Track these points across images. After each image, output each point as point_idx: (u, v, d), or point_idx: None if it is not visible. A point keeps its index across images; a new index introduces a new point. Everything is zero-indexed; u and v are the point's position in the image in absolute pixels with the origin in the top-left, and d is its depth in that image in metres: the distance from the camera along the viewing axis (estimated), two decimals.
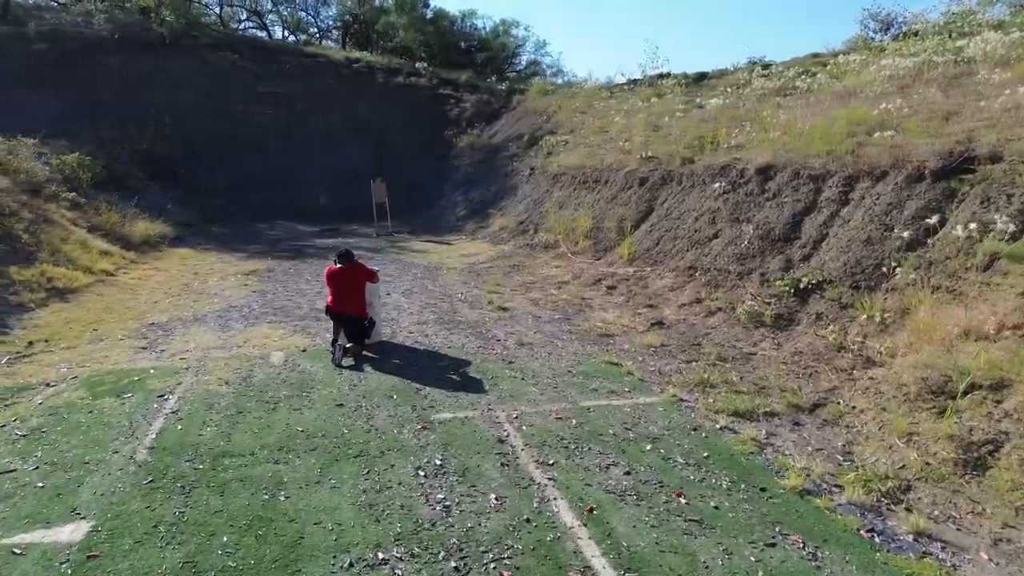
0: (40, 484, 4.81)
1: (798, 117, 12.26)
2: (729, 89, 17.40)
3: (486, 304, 10.63)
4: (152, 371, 7.25)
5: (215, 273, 13.42)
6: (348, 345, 7.75)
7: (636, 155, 15.12)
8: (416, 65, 30.52)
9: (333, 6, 38.92)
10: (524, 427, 5.79)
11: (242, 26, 39.21)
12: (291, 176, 24.32)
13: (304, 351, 8.01)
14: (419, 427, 5.75)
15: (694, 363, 7.57)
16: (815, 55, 18.57)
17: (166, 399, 6.41)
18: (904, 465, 5.09)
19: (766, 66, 19.15)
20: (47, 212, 13.89)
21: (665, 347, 8.23)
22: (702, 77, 21.04)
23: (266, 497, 4.59)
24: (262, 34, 37.54)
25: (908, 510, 4.56)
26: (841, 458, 5.33)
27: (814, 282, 8.51)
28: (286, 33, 39.43)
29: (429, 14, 36.74)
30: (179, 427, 5.74)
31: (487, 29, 39.53)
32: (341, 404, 6.27)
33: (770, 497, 4.72)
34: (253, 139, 25.09)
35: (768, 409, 6.18)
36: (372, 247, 16.98)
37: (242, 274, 13.28)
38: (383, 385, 6.79)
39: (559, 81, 35.25)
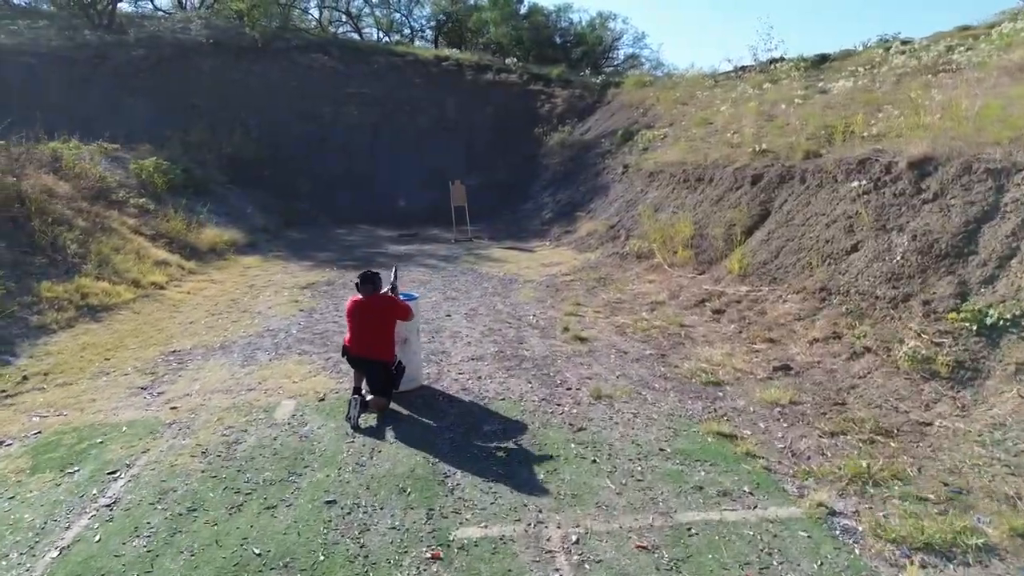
0: None
1: (961, 97, 9.46)
2: (861, 69, 14.48)
3: (560, 331, 8.53)
4: (125, 428, 5.60)
5: (271, 286, 11.95)
6: (369, 398, 5.87)
7: (747, 149, 12.59)
8: (506, 61, 28.65)
9: (427, 6, 37.67)
10: (587, 564, 3.68)
11: (340, 30, 38.65)
12: (376, 178, 22.98)
13: (322, 399, 6.18)
14: (428, 556, 3.75)
15: (842, 437, 5.22)
16: (964, 27, 15.31)
17: (116, 478, 4.71)
18: None
19: (905, 42, 16.01)
20: (107, 219, 12.85)
21: (796, 406, 5.88)
22: (823, 60, 18.05)
23: None
24: (355, 36, 36.70)
25: None
26: None
27: (1008, 316, 5.94)
28: (380, 35, 38.54)
29: (523, 9, 34.84)
30: (98, 538, 3.98)
31: (583, 23, 37.25)
32: (332, 501, 4.35)
33: None
34: (340, 141, 23.94)
35: (980, 540, 3.81)
36: (448, 255, 15.19)
37: (298, 287, 11.74)
38: (399, 467, 4.83)
39: (659, 74, 32.57)
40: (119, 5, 29.31)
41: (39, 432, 5.61)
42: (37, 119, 15.39)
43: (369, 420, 5.72)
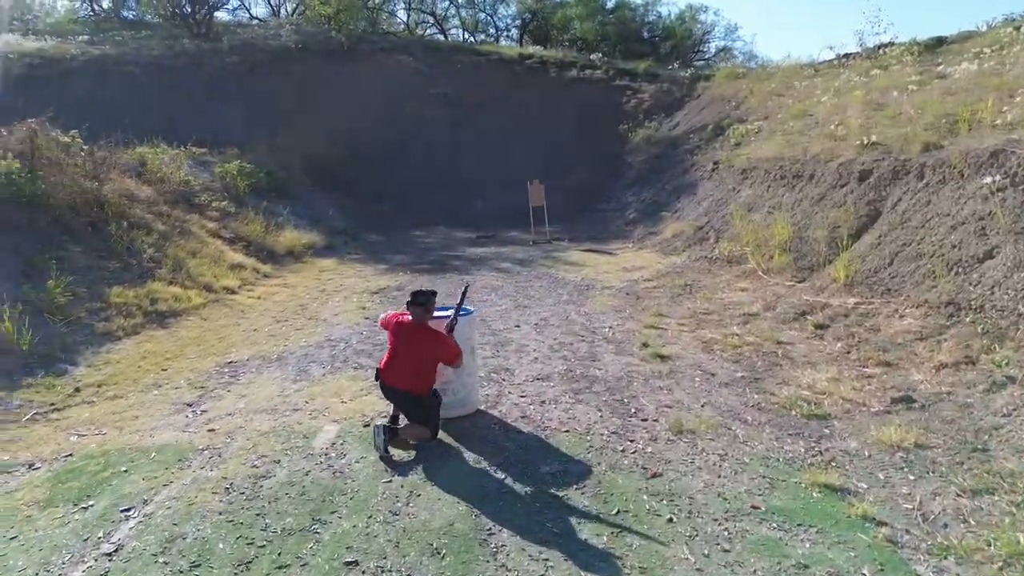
0: None
1: None
2: (987, 51, 12.76)
3: (639, 347, 7.60)
4: (155, 455, 5.12)
5: (342, 291, 11.54)
6: (403, 426, 5.17)
7: (853, 141, 11.22)
8: (591, 57, 27.63)
9: (512, 4, 37.07)
10: None
11: (428, 32, 38.63)
12: (456, 179, 22.50)
13: (367, 426, 5.53)
14: None
15: (988, 497, 4.12)
16: None
17: (127, 518, 4.19)
18: None
19: None
20: (186, 223, 12.81)
21: (924, 451, 4.78)
22: (938, 42, 16.22)
23: None
24: (440, 37, 36.52)
25: None
26: None
27: None
28: (465, 35, 38.24)
29: (609, 4, 33.69)
30: None
31: (672, 16, 35.72)
32: (354, 562, 3.63)
33: None
34: (422, 142, 23.61)
35: None
36: (524, 258, 14.44)
37: (368, 292, 11.26)
38: (437, 518, 4.08)
39: (752, 66, 30.73)
40: (216, 14, 30.21)
41: (70, 455, 5.20)
42: (131, 124, 15.72)
43: (405, 453, 5.02)
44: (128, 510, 4.28)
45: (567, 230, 17.93)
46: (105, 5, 32.77)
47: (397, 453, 5.00)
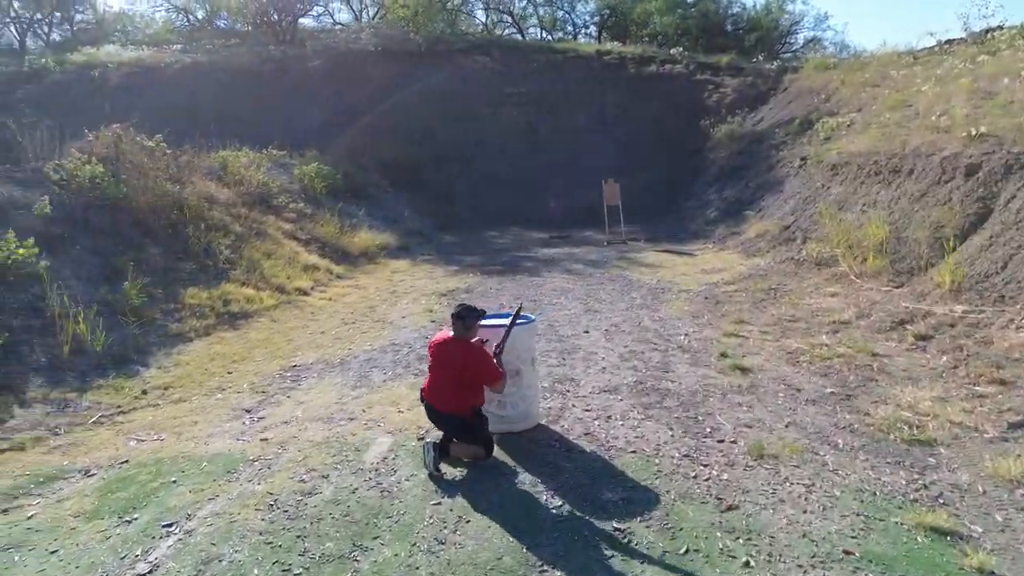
0: None
1: None
2: None
3: (716, 357, 7.03)
4: (206, 464, 4.97)
5: (412, 292, 11.38)
6: (455, 443, 4.83)
7: (958, 133, 10.20)
8: (671, 52, 26.71)
9: (591, 1, 36.43)
10: None
11: (506, 31, 38.48)
12: (531, 179, 22.11)
13: (420, 439, 5.22)
14: None
15: None
16: None
17: (168, 534, 4.02)
18: None
19: None
20: (263, 224, 12.97)
21: None
22: None
23: None
24: (518, 37, 36.26)
25: None
26: None
27: None
28: (543, 33, 37.86)
29: None
30: None
31: (757, 7, 34.25)
32: None
33: None
34: (497, 142, 23.38)
35: None
36: (597, 259, 13.94)
37: (437, 294, 11.05)
38: (484, 551, 3.70)
39: (844, 56, 29.03)
40: (301, 21, 30.97)
41: (125, 461, 5.13)
42: (219, 129, 16.18)
43: (457, 471, 4.68)
44: (170, 525, 4.11)
45: (643, 230, 17.29)
46: (200, 16, 34.08)
47: (448, 471, 4.67)
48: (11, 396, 6.21)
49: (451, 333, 4.91)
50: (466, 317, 4.82)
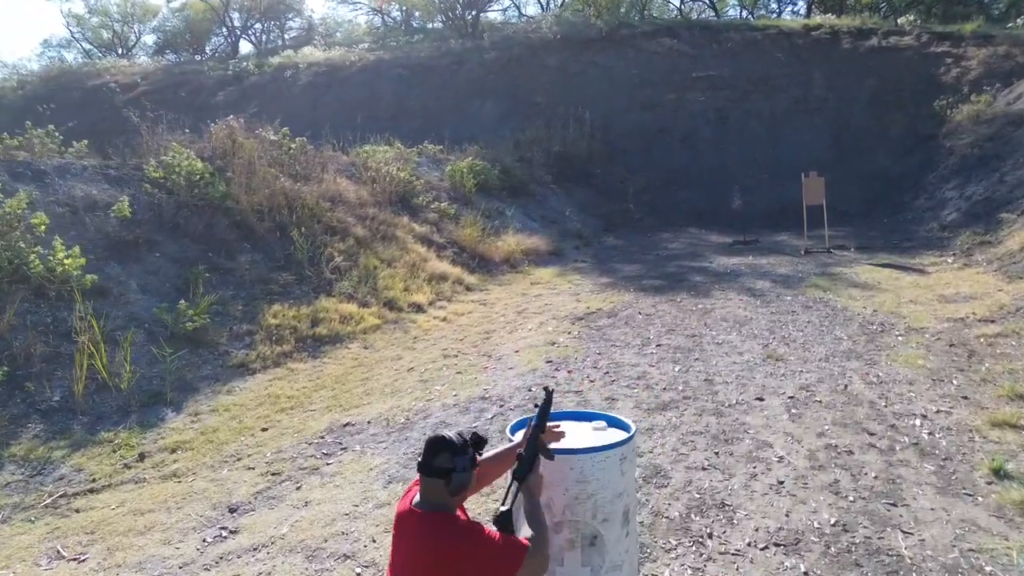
0: None
1: None
2: None
3: (983, 473, 3.85)
4: None
5: (543, 313, 8.97)
6: None
7: None
8: (898, 21, 21.60)
9: None
10: None
11: (703, 15, 34.49)
12: (716, 173, 18.61)
13: None
14: None
15: None
16: None
17: None
18: None
19: None
20: (392, 227, 11.22)
21: None
22: None
23: None
24: (713, 18, 32.15)
25: None
26: None
27: None
28: (743, 13, 33.36)
29: None
30: None
31: None
32: None
33: None
34: (682, 131, 20.19)
35: None
36: (789, 273, 10.55)
37: (571, 319, 8.54)
38: None
39: None
40: (487, 15, 29.68)
41: None
42: (390, 124, 15.01)
43: None
44: None
45: (853, 236, 13.37)
46: (395, 16, 34.15)
47: None
48: None
49: (415, 497, 2.32)
50: (445, 464, 2.14)
